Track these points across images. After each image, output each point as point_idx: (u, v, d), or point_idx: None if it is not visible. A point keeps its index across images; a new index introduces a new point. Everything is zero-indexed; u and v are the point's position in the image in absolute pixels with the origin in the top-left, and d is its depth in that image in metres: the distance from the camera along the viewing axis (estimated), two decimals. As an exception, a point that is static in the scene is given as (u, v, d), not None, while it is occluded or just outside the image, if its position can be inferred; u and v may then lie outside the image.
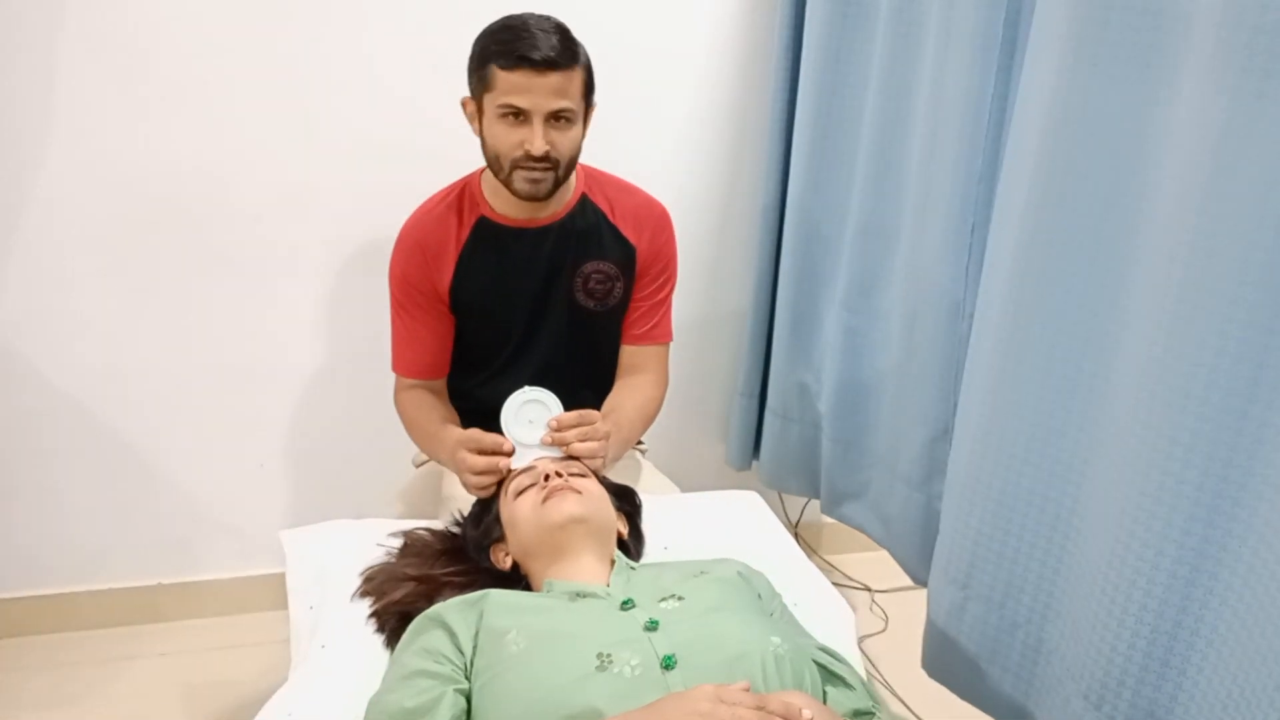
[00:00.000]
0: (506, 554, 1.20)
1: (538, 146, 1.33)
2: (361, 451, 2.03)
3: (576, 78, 1.34)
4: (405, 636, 1.06)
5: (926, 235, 1.54)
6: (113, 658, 1.96)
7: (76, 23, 1.68)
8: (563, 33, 1.34)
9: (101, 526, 2.00)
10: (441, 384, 1.58)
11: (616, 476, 1.54)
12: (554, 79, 1.31)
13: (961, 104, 1.42)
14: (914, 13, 1.56)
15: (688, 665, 0.93)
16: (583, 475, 1.23)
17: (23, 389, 1.87)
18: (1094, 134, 1.10)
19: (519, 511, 1.17)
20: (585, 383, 1.57)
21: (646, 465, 1.70)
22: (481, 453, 1.29)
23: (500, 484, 1.28)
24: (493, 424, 1.33)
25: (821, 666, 1.03)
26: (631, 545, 1.28)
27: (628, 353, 1.59)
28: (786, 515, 2.36)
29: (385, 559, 1.25)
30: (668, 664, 0.93)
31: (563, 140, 1.36)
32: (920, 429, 1.59)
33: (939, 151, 1.49)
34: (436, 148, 1.65)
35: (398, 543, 1.28)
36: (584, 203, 1.50)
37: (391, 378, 1.58)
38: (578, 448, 1.28)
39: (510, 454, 1.29)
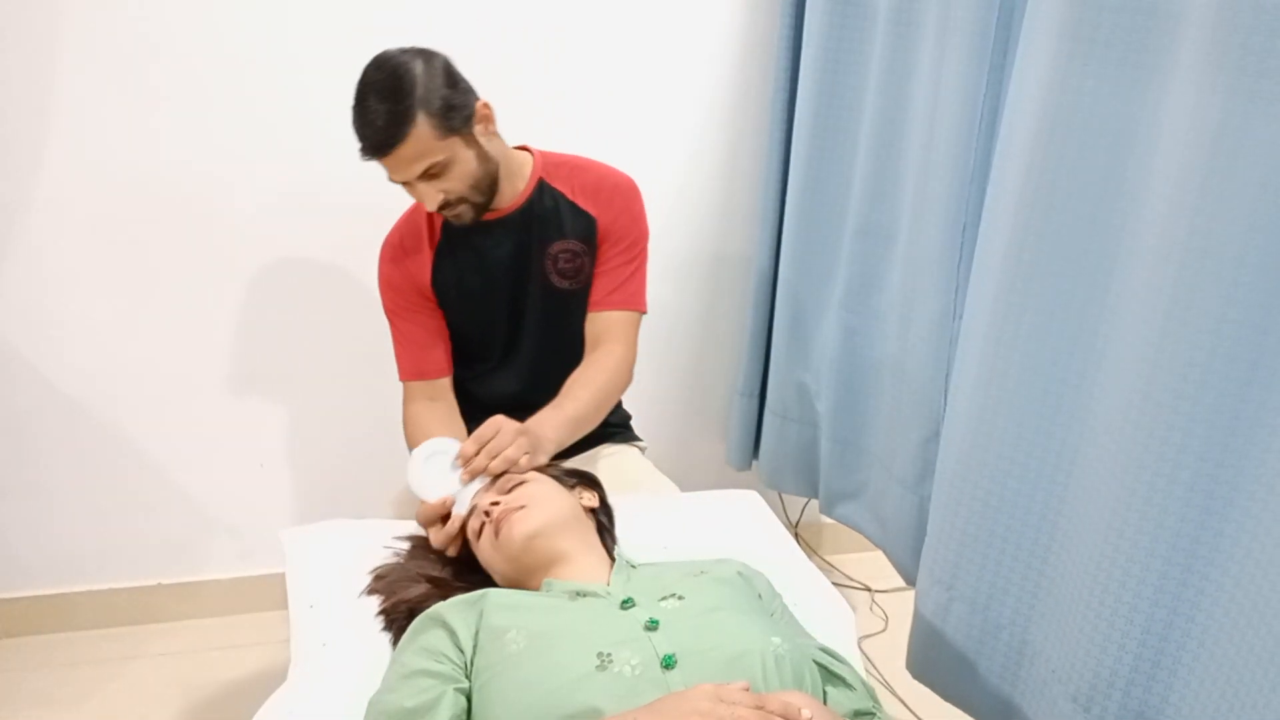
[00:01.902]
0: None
1: (430, 205, 1.39)
2: (362, 452, 2.03)
3: (422, 133, 1.31)
4: (405, 636, 1.06)
5: (922, 235, 1.54)
6: (113, 658, 1.96)
7: (77, 23, 1.68)
8: (388, 96, 1.30)
9: (102, 526, 2.00)
10: (446, 386, 1.58)
11: (617, 478, 1.54)
12: (400, 153, 1.32)
13: (956, 103, 1.43)
14: (912, 12, 1.57)
15: (688, 665, 0.93)
16: (520, 483, 1.21)
17: (22, 389, 1.87)
18: (1085, 133, 1.11)
19: (484, 553, 1.17)
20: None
21: (646, 465, 1.70)
22: (432, 520, 1.26)
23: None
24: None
25: (822, 667, 1.03)
26: (604, 519, 1.27)
27: (590, 321, 1.56)
28: (786, 515, 2.36)
29: (393, 560, 1.25)
30: (668, 663, 0.93)
31: (450, 182, 1.38)
32: (914, 430, 1.59)
33: (935, 151, 1.50)
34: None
35: (404, 545, 1.28)
36: (542, 188, 1.52)
37: (396, 382, 1.59)
38: (495, 465, 1.25)
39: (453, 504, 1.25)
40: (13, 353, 1.84)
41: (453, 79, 1.36)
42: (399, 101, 1.30)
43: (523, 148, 1.55)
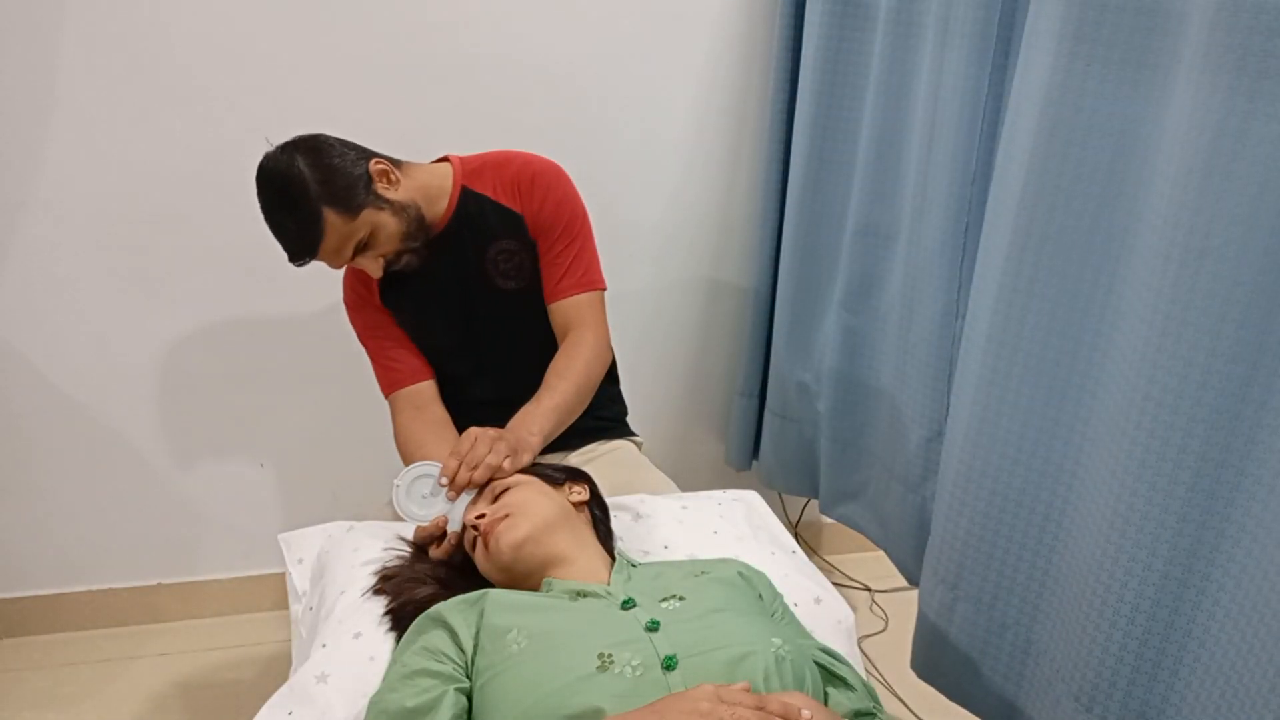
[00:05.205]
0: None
1: (376, 273, 1.43)
2: (361, 452, 2.03)
3: (334, 224, 1.34)
4: (406, 635, 1.07)
5: (923, 235, 1.54)
6: (113, 658, 1.96)
7: (78, 24, 1.68)
8: (287, 205, 1.33)
9: (102, 526, 2.00)
10: (429, 392, 1.57)
11: (615, 473, 1.54)
12: (324, 250, 1.37)
13: (958, 103, 1.43)
14: (912, 12, 1.57)
15: (689, 666, 0.93)
16: (506, 490, 1.21)
17: (22, 389, 1.87)
18: (1087, 133, 1.11)
19: (481, 565, 1.17)
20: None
21: (646, 463, 1.70)
22: (428, 541, 1.26)
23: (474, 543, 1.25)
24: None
25: (823, 667, 1.03)
26: (597, 512, 1.26)
27: (552, 314, 1.56)
28: (786, 515, 2.36)
29: (397, 560, 1.25)
30: (669, 664, 0.93)
31: (381, 247, 1.40)
32: (916, 429, 1.59)
33: (936, 151, 1.50)
34: (434, 152, 1.65)
35: (405, 546, 1.28)
36: (466, 195, 1.50)
37: None
38: (478, 475, 1.24)
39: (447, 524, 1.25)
40: (12, 353, 1.84)
41: (341, 157, 1.36)
42: (299, 207, 1.33)
43: (443, 159, 1.53)
